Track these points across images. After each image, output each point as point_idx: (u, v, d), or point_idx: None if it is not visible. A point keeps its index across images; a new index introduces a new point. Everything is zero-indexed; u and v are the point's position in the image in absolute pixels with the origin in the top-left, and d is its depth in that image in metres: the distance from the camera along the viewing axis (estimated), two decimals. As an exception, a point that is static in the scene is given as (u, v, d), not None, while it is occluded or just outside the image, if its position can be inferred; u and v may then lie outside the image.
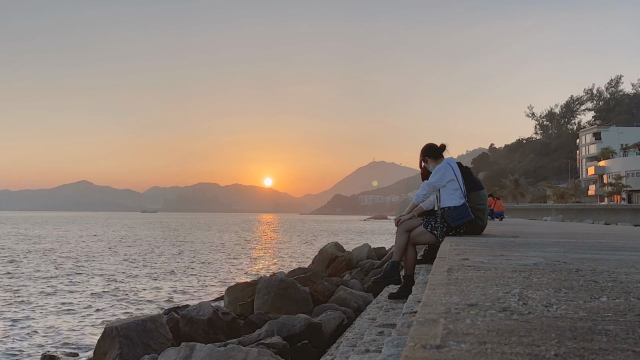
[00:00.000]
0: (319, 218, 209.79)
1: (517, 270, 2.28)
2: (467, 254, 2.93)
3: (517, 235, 5.38)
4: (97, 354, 7.20)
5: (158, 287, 17.30)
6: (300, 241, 46.25)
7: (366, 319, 6.02)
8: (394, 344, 2.29)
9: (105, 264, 24.46)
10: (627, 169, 62.27)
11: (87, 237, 47.75)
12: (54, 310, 13.04)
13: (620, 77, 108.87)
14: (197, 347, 5.55)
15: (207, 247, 37.30)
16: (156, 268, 22.90)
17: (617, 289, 1.80)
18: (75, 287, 16.89)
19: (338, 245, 17.92)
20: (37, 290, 16.12)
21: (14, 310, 12.96)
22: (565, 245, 4.12)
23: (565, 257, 3.00)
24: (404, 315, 2.87)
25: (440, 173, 4.62)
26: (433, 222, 4.57)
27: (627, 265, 2.59)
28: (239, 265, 24.73)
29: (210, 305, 8.76)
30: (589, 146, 77.47)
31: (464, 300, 1.50)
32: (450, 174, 4.62)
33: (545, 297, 1.61)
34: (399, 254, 4.64)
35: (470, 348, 1.01)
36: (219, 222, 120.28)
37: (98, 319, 12.18)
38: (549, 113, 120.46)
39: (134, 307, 13.65)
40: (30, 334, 10.61)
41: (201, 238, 49.11)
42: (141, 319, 7.48)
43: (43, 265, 23.25)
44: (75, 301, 14.41)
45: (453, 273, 2.09)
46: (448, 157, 4.82)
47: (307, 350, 6.67)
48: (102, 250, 33.15)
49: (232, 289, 11.41)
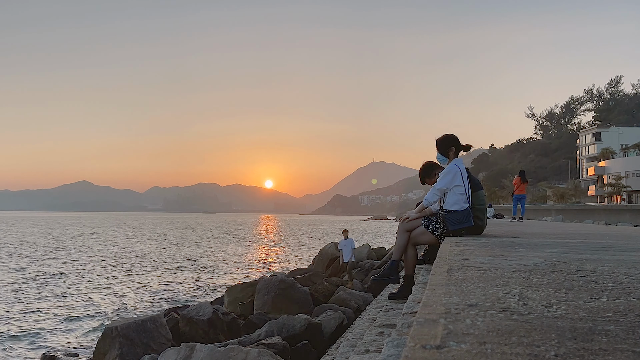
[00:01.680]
0: (319, 218, 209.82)
1: (517, 270, 2.28)
2: (467, 254, 2.93)
3: (517, 236, 5.38)
4: (97, 354, 7.20)
5: (158, 287, 17.30)
6: (300, 241, 46.24)
7: (366, 319, 6.02)
8: (394, 345, 2.29)
9: (105, 264, 24.46)
10: (627, 170, 62.27)
11: (86, 238, 47.75)
12: (54, 311, 13.04)
13: (620, 78, 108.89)
14: (197, 347, 5.55)
15: (207, 247, 37.30)
16: (156, 268, 22.90)
17: (617, 290, 1.80)
18: (76, 287, 16.88)
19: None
20: (37, 291, 16.12)
21: (14, 311, 12.95)
22: (565, 245, 4.12)
23: (565, 257, 3.00)
24: (404, 316, 2.87)
25: (450, 176, 4.56)
26: (434, 223, 4.56)
27: (627, 266, 2.60)
28: (239, 266, 24.73)
29: (210, 305, 8.76)
30: (589, 146, 77.48)
31: (464, 300, 1.50)
32: (459, 179, 4.57)
33: (545, 297, 1.61)
34: (399, 253, 4.63)
35: (470, 348, 1.01)
36: (219, 222, 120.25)
37: (98, 319, 12.18)
38: (549, 113, 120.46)
39: (134, 308, 13.64)
40: (31, 334, 10.61)
41: (201, 238, 49.11)
42: (141, 319, 7.47)
43: (43, 265, 23.26)
44: (75, 301, 14.40)
45: (453, 273, 2.09)
46: (456, 159, 4.76)
47: (307, 351, 6.67)
48: (102, 250, 33.14)
49: (232, 289, 11.41)
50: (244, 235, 57.01)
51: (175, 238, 49.08)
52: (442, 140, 4.78)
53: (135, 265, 23.90)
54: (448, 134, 4.86)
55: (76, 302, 14.32)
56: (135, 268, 22.86)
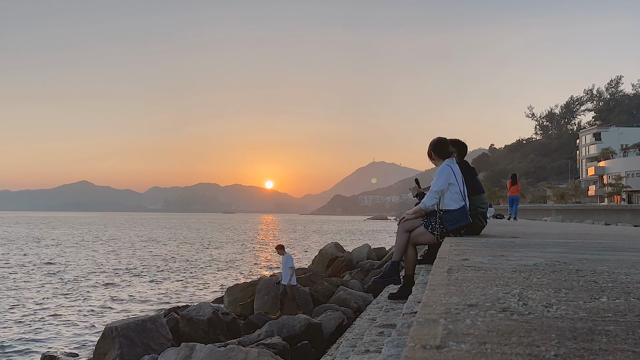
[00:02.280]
0: (319, 218, 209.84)
1: (517, 270, 2.28)
2: (467, 255, 2.93)
3: (517, 236, 5.38)
4: (97, 354, 7.20)
5: (158, 287, 17.30)
6: (300, 241, 46.25)
7: (366, 319, 6.02)
8: (394, 345, 2.29)
9: (105, 264, 24.45)
10: (627, 170, 62.28)
11: (86, 238, 47.76)
12: (54, 311, 13.04)
13: (620, 78, 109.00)
14: (197, 347, 5.55)
15: (207, 247, 37.30)
16: (156, 268, 22.90)
17: (617, 290, 1.80)
18: (75, 288, 16.88)
19: (338, 245, 17.93)
20: (37, 291, 16.12)
21: (15, 311, 12.95)
22: (565, 245, 4.12)
23: (565, 257, 3.00)
24: (404, 316, 2.87)
25: (443, 177, 4.61)
26: (433, 223, 4.57)
27: (627, 266, 2.60)
28: (239, 266, 24.73)
29: (210, 305, 8.77)
30: (589, 147, 77.49)
31: (464, 300, 1.50)
32: (451, 178, 4.62)
33: (545, 297, 1.61)
34: (399, 254, 4.64)
35: (470, 348, 1.01)
36: (219, 223, 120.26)
37: (98, 319, 12.18)
38: (549, 113, 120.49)
39: (134, 307, 13.64)
40: (31, 334, 10.61)
41: (202, 239, 49.11)
42: (141, 319, 7.48)
43: (42, 265, 23.25)
44: (75, 301, 14.40)
45: (453, 273, 2.09)
46: (448, 159, 4.78)
47: (307, 351, 6.67)
48: (102, 250, 33.14)
49: (232, 289, 11.43)
50: (245, 235, 57.03)
51: (176, 239, 49.06)
52: (436, 144, 4.80)
53: (135, 265, 23.90)
54: (438, 138, 4.87)
55: (76, 302, 14.32)
56: (135, 268, 22.86)
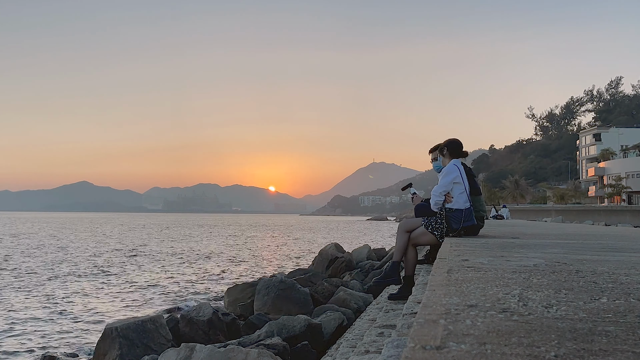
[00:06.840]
0: (319, 219, 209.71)
1: (517, 271, 2.28)
2: (467, 255, 2.93)
3: (517, 237, 5.38)
4: (97, 355, 7.19)
5: (158, 287, 17.29)
6: (300, 242, 46.23)
7: (366, 319, 6.02)
8: (394, 345, 2.29)
9: (105, 264, 24.45)
10: (627, 170, 62.25)
11: (86, 238, 47.78)
12: (54, 311, 13.04)
13: (620, 79, 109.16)
14: (197, 347, 5.55)
15: (206, 247, 37.31)
16: (156, 268, 22.90)
17: (617, 290, 1.80)
18: (75, 288, 16.88)
19: (338, 246, 17.90)
20: (37, 291, 16.11)
21: (14, 311, 12.95)
22: (565, 246, 4.11)
23: (565, 258, 3.00)
24: (404, 316, 2.87)
25: (450, 176, 4.66)
26: (434, 223, 4.59)
27: (628, 267, 2.59)
28: (238, 266, 24.72)
29: (210, 305, 8.76)
30: (589, 147, 77.47)
31: (464, 301, 1.50)
32: (458, 178, 4.67)
33: (545, 298, 1.61)
34: (400, 254, 4.66)
35: (470, 349, 1.01)
36: (219, 223, 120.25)
37: (98, 319, 12.17)
38: (549, 114, 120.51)
39: (133, 308, 13.64)
40: (31, 335, 10.61)
41: (200, 239, 49.11)
42: (141, 319, 7.48)
43: (42, 266, 23.26)
44: (75, 301, 14.40)
45: (453, 274, 2.09)
46: (455, 159, 4.85)
47: (307, 351, 6.66)
48: (102, 250, 33.15)
49: (232, 290, 11.41)
50: (245, 235, 57.01)
51: (174, 239, 49.07)
52: (452, 142, 5.00)
53: (134, 265, 23.90)
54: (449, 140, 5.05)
55: (76, 302, 14.31)
56: (135, 268, 22.86)
